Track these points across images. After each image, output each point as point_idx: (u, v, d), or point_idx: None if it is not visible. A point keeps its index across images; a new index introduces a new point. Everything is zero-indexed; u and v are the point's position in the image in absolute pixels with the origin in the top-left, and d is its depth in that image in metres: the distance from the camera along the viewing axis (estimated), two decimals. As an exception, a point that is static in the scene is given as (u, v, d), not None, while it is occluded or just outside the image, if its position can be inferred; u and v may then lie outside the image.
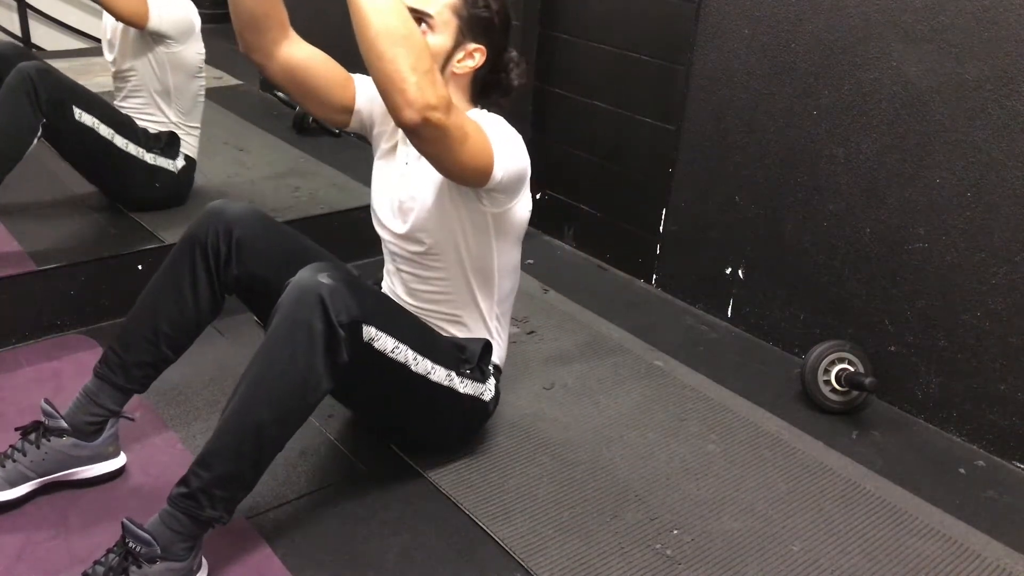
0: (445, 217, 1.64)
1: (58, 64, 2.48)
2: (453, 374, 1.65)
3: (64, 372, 1.99)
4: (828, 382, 2.05)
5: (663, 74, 2.48)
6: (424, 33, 1.54)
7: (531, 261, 2.69)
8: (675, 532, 1.64)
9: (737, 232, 2.38)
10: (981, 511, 1.78)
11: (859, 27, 2.03)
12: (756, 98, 2.27)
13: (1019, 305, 1.87)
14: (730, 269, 2.43)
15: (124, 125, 2.52)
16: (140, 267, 2.26)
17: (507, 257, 1.73)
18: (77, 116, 2.39)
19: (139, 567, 1.35)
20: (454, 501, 1.68)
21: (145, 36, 2.51)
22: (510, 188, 1.60)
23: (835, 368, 2.05)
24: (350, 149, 3.34)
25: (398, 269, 1.77)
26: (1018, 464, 1.94)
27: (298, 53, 1.63)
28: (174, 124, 2.65)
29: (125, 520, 1.37)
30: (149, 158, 2.56)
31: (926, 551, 1.65)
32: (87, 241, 2.47)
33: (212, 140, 2.80)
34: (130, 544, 1.36)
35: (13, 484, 1.56)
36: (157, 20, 2.47)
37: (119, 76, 2.63)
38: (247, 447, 1.39)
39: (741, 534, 1.65)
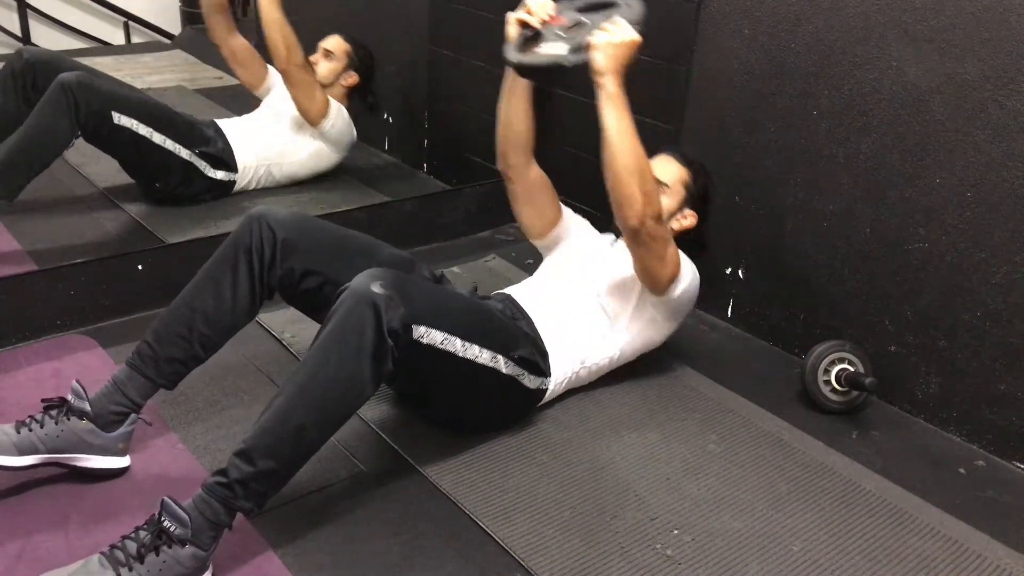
0: (621, 292, 1.98)
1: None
2: (499, 356, 1.72)
3: (64, 372, 1.99)
4: (828, 382, 2.05)
5: (663, 74, 2.48)
6: (660, 194, 1.93)
7: (530, 261, 2.69)
8: (675, 532, 1.64)
9: (737, 232, 2.38)
10: (981, 511, 1.78)
11: (859, 27, 2.03)
12: (756, 98, 2.27)
13: (1019, 305, 1.87)
14: (730, 269, 2.43)
15: (162, 121, 2.61)
16: (140, 267, 2.26)
17: (629, 346, 2.01)
18: (116, 120, 2.50)
19: (169, 547, 1.36)
20: (454, 501, 1.68)
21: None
22: (678, 310, 2.00)
23: (835, 368, 2.05)
24: (350, 149, 3.34)
25: (555, 288, 2.01)
26: (1018, 464, 1.94)
27: (537, 175, 2.11)
28: (261, 162, 2.85)
29: (166, 498, 1.39)
30: (185, 154, 2.65)
31: (926, 551, 1.65)
32: (87, 241, 2.47)
33: (212, 140, 2.82)
34: (165, 523, 1.37)
35: (22, 452, 1.56)
36: (328, 126, 2.87)
37: (269, 112, 2.93)
38: (287, 447, 1.45)
39: (741, 534, 1.65)
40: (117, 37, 4.89)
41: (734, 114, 2.33)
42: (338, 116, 2.89)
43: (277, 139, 2.87)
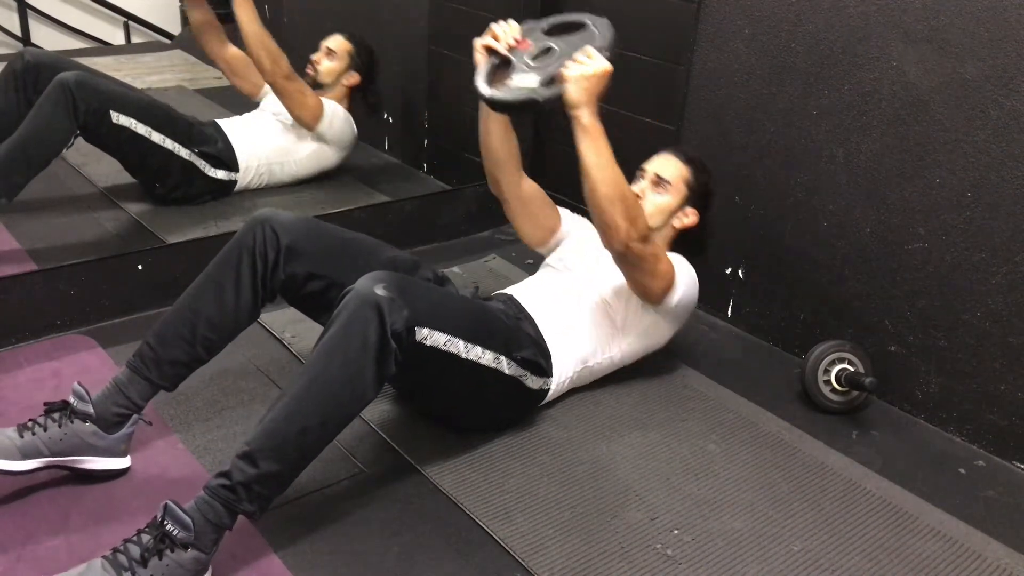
0: (621, 296, 1.98)
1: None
2: (502, 357, 1.73)
3: (64, 372, 1.99)
4: (828, 382, 2.05)
5: (663, 74, 2.48)
6: (661, 192, 2.02)
7: (531, 261, 2.69)
8: (675, 532, 1.64)
9: (737, 232, 2.38)
10: (981, 511, 1.78)
11: (859, 27, 2.03)
12: (756, 98, 2.27)
13: (1019, 305, 1.87)
14: (730, 269, 2.43)
15: (161, 120, 2.61)
16: (140, 267, 2.26)
17: (631, 348, 2.03)
18: (115, 119, 2.50)
19: (172, 551, 1.36)
20: (454, 501, 1.68)
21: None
22: (677, 316, 2.02)
23: (835, 368, 2.05)
24: (351, 147, 3.34)
25: (558, 287, 2.02)
26: (1018, 464, 1.94)
27: (529, 187, 2.10)
28: (262, 162, 2.83)
29: (168, 501, 1.39)
30: (185, 153, 2.65)
31: (926, 551, 1.65)
32: (87, 241, 2.47)
33: (212, 140, 2.82)
34: (168, 526, 1.37)
35: (26, 456, 1.56)
36: (326, 127, 2.86)
37: (268, 112, 2.91)
38: (290, 449, 1.45)
39: (741, 534, 1.65)
40: (117, 37, 4.88)
41: (734, 114, 2.33)
42: (334, 116, 2.87)
43: (277, 139, 2.86)
